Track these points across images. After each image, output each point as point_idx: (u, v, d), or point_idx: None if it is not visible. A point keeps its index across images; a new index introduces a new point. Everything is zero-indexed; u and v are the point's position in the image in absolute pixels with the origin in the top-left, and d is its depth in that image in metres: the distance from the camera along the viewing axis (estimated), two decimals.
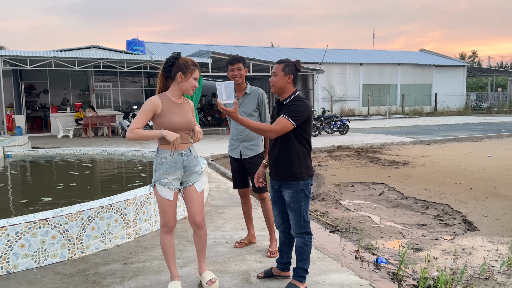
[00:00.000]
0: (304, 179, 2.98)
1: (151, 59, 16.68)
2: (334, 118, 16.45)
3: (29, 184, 6.76)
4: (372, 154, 11.22)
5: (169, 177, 2.93)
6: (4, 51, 15.27)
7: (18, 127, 15.80)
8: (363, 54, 35.76)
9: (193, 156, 3.06)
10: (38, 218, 3.46)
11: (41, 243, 3.47)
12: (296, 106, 2.92)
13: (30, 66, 15.33)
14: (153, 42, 33.70)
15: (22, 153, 9.53)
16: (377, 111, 31.53)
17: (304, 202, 3.01)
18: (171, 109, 2.93)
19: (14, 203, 5.36)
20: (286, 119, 2.87)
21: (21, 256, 3.40)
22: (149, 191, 4.32)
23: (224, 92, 2.78)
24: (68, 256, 3.62)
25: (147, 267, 3.46)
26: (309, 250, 3.05)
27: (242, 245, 4.00)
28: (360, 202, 6.45)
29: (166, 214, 2.97)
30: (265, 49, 35.67)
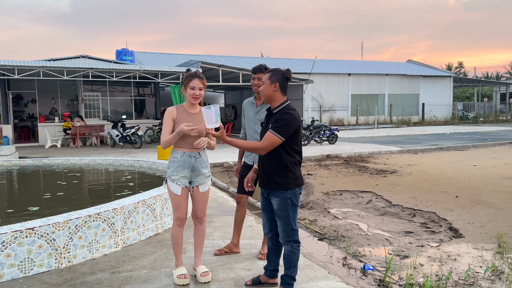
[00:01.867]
0: (291, 188, 2.99)
1: (141, 69, 16.67)
2: (323, 127, 16.57)
3: (15, 194, 6.69)
4: (360, 163, 11.33)
5: (177, 174, 3.31)
6: None
7: (5, 137, 15.63)
8: (351, 65, 36.18)
9: (202, 159, 3.38)
10: (24, 227, 3.44)
11: (27, 252, 3.44)
12: (283, 120, 2.91)
13: (18, 76, 15.21)
14: (143, 52, 33.69)
15: (9, 163, 9.42)
16: (366, 120, 31.83)
17: (292, 211, 3.01)
18: (183, 118, 3.31)
19: (0, 212, 5.29)
20: (274, 135, 2.89)
21: (7, 266, 3.37)
22: (163, 186, 4.50)
23: (214, 117, 2.91)
24: (55, 266, 3.59)
25: (134, 276, 3.45)
26: (297, 258, 3.07)
27: (222, 252, 4.02)
28: (348, 210, 6.51)
29: (178, 208, 3.34)
30: (255, 59, 35.89)
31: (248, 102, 4.06)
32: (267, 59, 38.87)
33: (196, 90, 3.32)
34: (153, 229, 4.57)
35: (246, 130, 4.05)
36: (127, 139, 15.74)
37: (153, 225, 4.56)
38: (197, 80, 3.33)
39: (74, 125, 16.63)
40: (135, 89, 22.01)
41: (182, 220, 3.37)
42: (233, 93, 28.38)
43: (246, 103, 4.06)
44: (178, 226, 3.37)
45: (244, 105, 4.09)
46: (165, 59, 30.83)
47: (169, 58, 31.84)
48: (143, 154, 13.10)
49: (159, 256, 3.94)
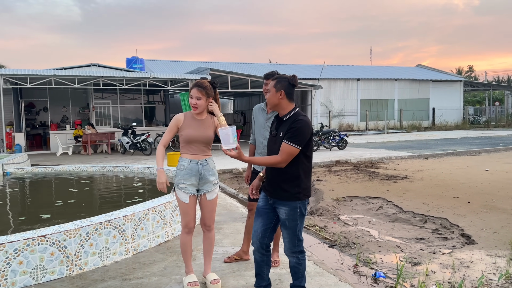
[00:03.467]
0: (301, 199, 2.91)
1: (151, 77, 16.83)
2: (333, 133, 16.52)
3: (28, 201, 6.77)
4: (370, 169, 11.26)
5: (184, 182, 3.33)
6: (4, 69, 15.42)
7: (17, 144, 15.83)
8: (360, 70, 36.10)
9: (209, 167, 3.40)
10: (36, 235, 3.48)
11: (39, 260, 3.48)
12: (296, 129, 2.81)
13: (30, 84, 15.45)
14: (152, 59, 34.02)
15: (21, 171, 9.54)
16: (375, 126, 31.67)
17: (300, 221, 2.95)
18: (190, 124, 3.39)
19: (13, 220, 5.36)
20: (290, 146, 2.80)
21: (19, 273, 3.40)
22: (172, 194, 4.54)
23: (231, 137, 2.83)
24: (66, 273, 3.62)
25: (145, 283, 3.46)
26: (304, 268, 3.02)
27: (232, 260, 4.01)
28: (359, 216, 6.46)
29: (186, 216, 3.37)
30: (263, 66, 35.99)
31: (258, 108, 4.06)
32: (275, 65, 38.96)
33: (193, 99, 3.35)
34: (163, 236, 4.59)
35: (256, 136, 4.05)
36: (137, 146, 15.85)
37: (163, 232, 4.58)
38: (195, 89, 3.34)
39: (85, 133, 16.80)
40: (145, 97, 22.22)
41: (190, 228, 3.39)
42: (242, 99, 28.48)
43: (257, 109, 4.07)
44: (186, 233, 3.40)
45: (255, 111, 4.09)
46: (175, 67, 31.09)
47: (178, 65, 32.09)
48: (153, 161, 13.17)
49: (169, 263, 3.94)
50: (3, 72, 14.95)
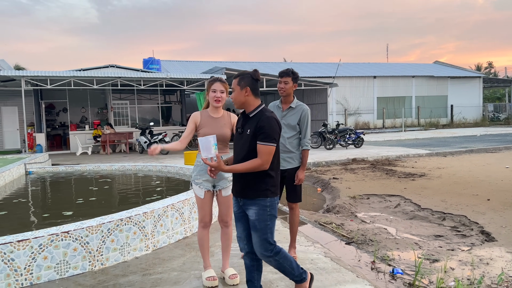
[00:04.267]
0: (269, 196, 2.78)
1: (167, 77, 17.02)
2: (349, 131, 16.43)
3: (50, 199, 6.95)
4: (387, 167, 11.17)
5: (200, 178, 3.43)
6: (25, 71, 15.80)
7: (38, 145, 16.21)
8: (376, 67, 35.75)
9: None
10: (60, 231, 3.58)
11: (63, 255, 3.58)
12: (268, 127, 2.71)
13: (51, 86, 15.79)
14: (168, 60, 34.34)
15: (43, 170, 9.79)
16: (392, 123, 31.34)
17: (271, 221, 2.79)
18: (206, 122, 3.46)
19: (37, 217, 5.52)
20: (268, 146, 2.70)
21: (44, 268, 3.51)
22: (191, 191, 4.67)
23: (212, 146, 2.84)
24: (88, 268, 3.72)
25: (165, 278, 3.53)
26: (289, 262, 2.85)
27: None
28: (376, 214, 6.44)
29: (201, 210, 3.46)
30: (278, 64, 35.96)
31: (273, 105, 4.11)
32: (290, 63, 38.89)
33: (217, 93, 3.42)
34: (182, 233, 4.66)
35: None
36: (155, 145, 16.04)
37: (181, 228, 4.66)
38: (219, 83, 3.45)
39: (104, 133, 17.09)
40: (162, 97, 22.45)
41: (205, 222, 3.47)
42: None
43: (272, 106, 4.12)
44: (202, 228, 3.49)
45: (270, 109, 4.13)
46: (190, 67, 31.33)
47: (194, 65, 32.33)
48: (170, 160, 13.34)
49: (188, 259, 4.01)
50: (24, 74, 15.32)
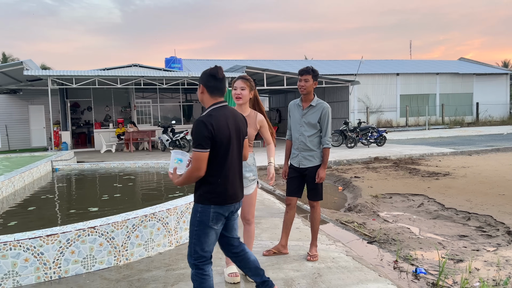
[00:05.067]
0: (203, 203, 2.59)
1: (189, 76, 17.19)
2: (371, 129, 16.25)
3: (76, 195, 7.13)
4: (411, 166, 11.00)
5: None
6: (52, 71, 16.22)
7: (64, 142, 16.63)
8: (399, 64, 35.18)
9: (246, 163, 3.40)
10: (87, 226, 3.69)
11: (89, 250, 3.69)
12: (193, 133, 2.54)
13: (76, 85, 16.17)
14: (190, 59, 34.65)
15: (68, 167, 10.05)
16: (416, 121, 30.79)
17: (199, 228, 2.58)
18: None
19: (64, 212, 5.68)
20: (194, 151, 2.52)
21: (72, 262, 3.62)
22: None
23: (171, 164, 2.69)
24: (114, 263, 3.82)
25: (187, 274, 3.59)
26: (197, 286, 2.62)
27: (270, 253, 4.08)
28: (399, 213, 6.36)
29: None
30: (298, 62, 35.83)
31: (294, 104, 4.11)
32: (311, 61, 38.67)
33: (237, 90, 3.44)
34: None
35: (292, 132, 4.10)
36: (176, 143, 16.26)
37: None
38: (239, 80, 3.47)
39: (128, 131, 17.40)
40: (183, 95, 22.69)
41: None
42: (278, 96, 28.44)
43: (292, 105, 4.12)
44: None
45: (290, 107, 4.15)
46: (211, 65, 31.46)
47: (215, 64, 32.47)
48: None
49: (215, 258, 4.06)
50: (50, 73, 15.73)
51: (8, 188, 6.83)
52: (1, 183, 6.54)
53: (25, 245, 3.42)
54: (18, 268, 3.41)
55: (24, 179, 7.77)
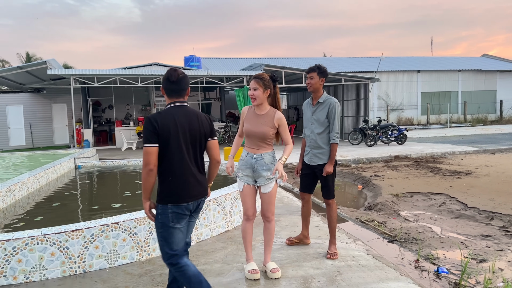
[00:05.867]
0: (160, 202, 2.65)
1: (207, 74, 17.29)
2: (391, 127, 16.05)
3: (98, 192, 7.28)
4: (432, 164, 10.83)
5: (241, 172, 3.53)
6: (74, 70, 16.55)
7: (86, 140, 16.97)
8: (420, 61, 34.59)
9: (263, 162, 3.46)
10: (110, 222, 3.77)
11: (113, 245, 3.77)
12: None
13: (98, 84, 16.46)
14: (208, 57, 34.82)
15: (91, 164, 10.25)
16: (437, 119, 30.24)
17: (163, 229, 2.62)
18: (250, 118, 3.54)
19: (87, 208, 5.82)
20: (143, 147, 2.58)
21: (96, 256, 3.71)
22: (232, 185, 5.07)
23: None
24: (136, 258, 3.89)
25: (208, 269, 3.64)
26: (185, 279, 2.63)
27: (292, 242, 4.22)
28: (420, 212, 6.28)
29: (243, 204, 3.55)
30: (317, 60, 35.57)
31: (306, 102, 4.20)
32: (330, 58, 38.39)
33: (251, 90, 3.48)
34: (224, 226, 4.77)
35: (305, 130, 4.20)
36: None
37: (223, 222, 4.76)
38: (252, 81, 3.48)
39: None
40: (202, 94, 22.85)
41: (248, 216, 3.54)
42: (296, 94, 28.41)
43: (305, 103, 4.22)
44: (245, 220, 3.57)
45: (303, 106, 4.26)
46: (230, 64, 31.62)
47: (233, 62, 32.60)
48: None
49: (229, 252, 4.10)
50: (73, 72, 16.06)
51: (33, 185, 7.03)
52: (27, 180, 6.73)
53: (51, 239, 3.52)
54: (45, 262, 3.51)
55: (49, 175, 7.98)
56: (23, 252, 3.45)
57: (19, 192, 6.35)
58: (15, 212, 5.47)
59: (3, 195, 5.71)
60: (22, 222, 4.92)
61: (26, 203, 6.10)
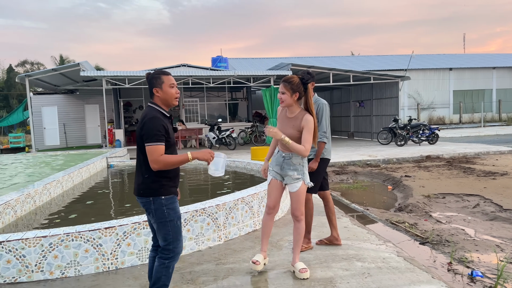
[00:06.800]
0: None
1: (234, 74, 17.39)
2: (422, 126, 15.68)
3: (130, 190, 7.45)
4: (465, 164, 10.51)
5: (271, 167, 3.62)
6: (106, 72, 16.99)
7: (117, 140, 17.39)
8: (452, 59, 33.63)
9: (291, 161, 3.47)
10: (142, 220, 3.85)
11: (144, 242, 3.85)
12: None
13: (128, 85, 16.84)
14: (235, 58, 35.03)
15: (122, 163, 10.50)
16: (470, 118, 29.33)
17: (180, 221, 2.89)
18: (281, 119, 3.61)
19: (119, 206, 5.96)
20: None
21: (127, 253, 3.80)
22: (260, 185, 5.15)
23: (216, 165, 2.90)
24: None
25: (237, 268, 3.66)
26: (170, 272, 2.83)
27: (322, 243, 4.27)
28: (453, 214, 6.11)
29: (268, 196, 3.61)
30: (344, 58, 35.20)
31: None
32: (358, 57, 37.86)
33: (279, 94, 3.50)
34: (251, 225, 4.78)
35: None
36: (222, 141, 16.54)
37: (251, 221, 4.78)
38: (281, 84, 3.51)
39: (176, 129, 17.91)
40: (229, 94, 23.00)
41: (270, 208, 3.58)
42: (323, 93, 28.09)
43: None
44: (266, 213, 3.62)
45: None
46: (256, 64, 31.69)
47: (260, 62, 32.66)
48: (237, 155, 13.64)
49: (257, 251, 4.10)
50: (105, 74, 16.50)
51: (67, 183, 7.26)
52: (62, 178, 6.96)
53: (85, 236, 3.63)
54: (79, 258, 3.63)
55: (82, 174, 8.22)
56: (59, 248, 3.57)
57: (55, 190, 6.58)
58: (51, 210, 5.67)
59: (40, 193, 5.93)
60: (58, 219, 5.10)
61: (61, 200, 6.31)
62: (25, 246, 3.51)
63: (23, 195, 5.32)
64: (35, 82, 18.91)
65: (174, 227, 2.79)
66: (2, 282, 3.50)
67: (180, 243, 2.84)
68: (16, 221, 4.96)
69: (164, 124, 2.75)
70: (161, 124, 2.72)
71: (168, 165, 2.73)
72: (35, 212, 5.50)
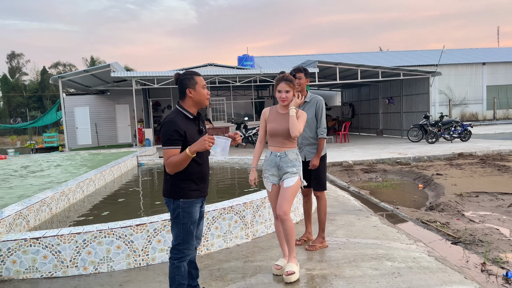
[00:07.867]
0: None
1: (260, 73, 17.41)
2: (454, 123, 15.24)
3: (160, 188, 7.59)
4: (499, 162, 10.16)
5: (267, 172, 3.59)
6: (136, 72, 17.34)
7: (147, 139, 17.73)
8: (485, 53, 32.51)
9: (287, 159, 3.50)
10: None
11: None
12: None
13: (157, 85, 17.14)
14: (261, 56, 35.06)
15: (152, 162, 10.71)
16: (505, 114, 28.28)
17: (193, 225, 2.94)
18: (274, 118, 3.58)
19: (149, 204, 6.10)
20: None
21: (158, 250, 3.88)
22: None
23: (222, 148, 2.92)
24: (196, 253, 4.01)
25: (264, 266, 3.68)
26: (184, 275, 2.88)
27: (301, 242, 4.28)
28: (486, 213, 5.93)
29: (271, 203, 3.62)
30: (373, 54, 34.61)
31: None
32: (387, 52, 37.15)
33: (282, 93, 3.51)
34: None
35: None
36: (249, 139, 16.60)
37: None
38: (283, 83, 3.51)
39: None
40: (255, 92, 23.05)
41: (276, 216, 3.56)
42: (350, 90, 27.73)
43: None
44: (275, 219, 3.61)
45: None
46: (283, 62, 31.60)
47: (286, 60, 32.55)
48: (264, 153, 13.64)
49: None
50: (134, 74, 16.85)
51: (99, 181, 7.47)
52: (94, 176, 7.18)
53: (117, 233, 3.74)
54: (112, 254, 3.73)
55: (114, 173, 8.44)
56: (92, 244, 3.69)
57: (87, 188, 6.79)
58: (84, 207, 5.86)
59: (73, 191, 6.13)
60: (91, 216, 5.26)
61: (94, 198, 6.51)
62: (60, 242, 3.64)
63: (57, 193, 5.52)
64: (68, 83, 19.52)
65: (185, 230, 2.86)
66: (39, 277, 3.65)
67: (190, 246, 2.90)
68: (52, 218, 5.15)
69: (178, 128, 2.72)
70: (175, 129, 2.71)
71: (174, 167, 2.73)
72: (69, 209, 5.70)
